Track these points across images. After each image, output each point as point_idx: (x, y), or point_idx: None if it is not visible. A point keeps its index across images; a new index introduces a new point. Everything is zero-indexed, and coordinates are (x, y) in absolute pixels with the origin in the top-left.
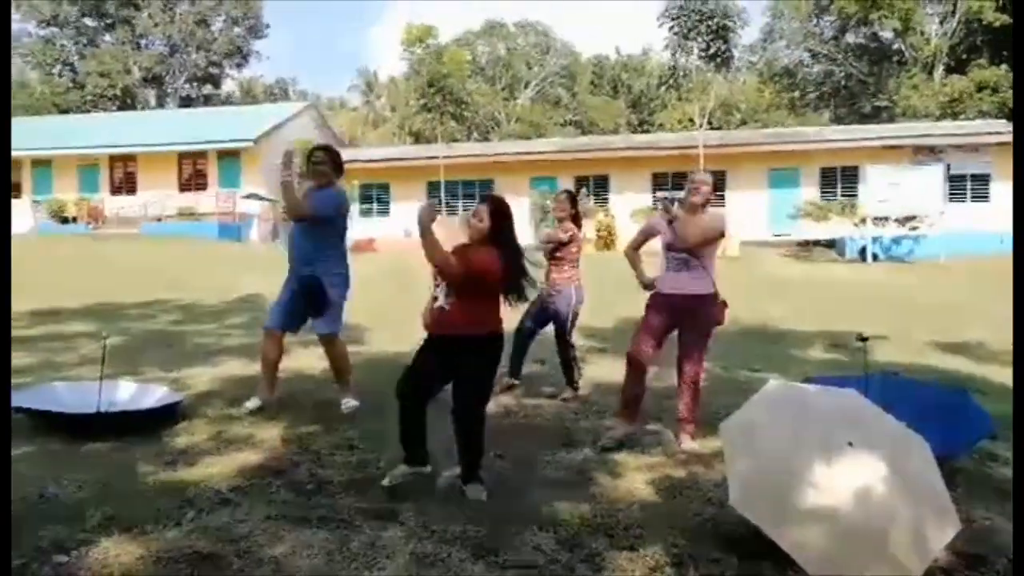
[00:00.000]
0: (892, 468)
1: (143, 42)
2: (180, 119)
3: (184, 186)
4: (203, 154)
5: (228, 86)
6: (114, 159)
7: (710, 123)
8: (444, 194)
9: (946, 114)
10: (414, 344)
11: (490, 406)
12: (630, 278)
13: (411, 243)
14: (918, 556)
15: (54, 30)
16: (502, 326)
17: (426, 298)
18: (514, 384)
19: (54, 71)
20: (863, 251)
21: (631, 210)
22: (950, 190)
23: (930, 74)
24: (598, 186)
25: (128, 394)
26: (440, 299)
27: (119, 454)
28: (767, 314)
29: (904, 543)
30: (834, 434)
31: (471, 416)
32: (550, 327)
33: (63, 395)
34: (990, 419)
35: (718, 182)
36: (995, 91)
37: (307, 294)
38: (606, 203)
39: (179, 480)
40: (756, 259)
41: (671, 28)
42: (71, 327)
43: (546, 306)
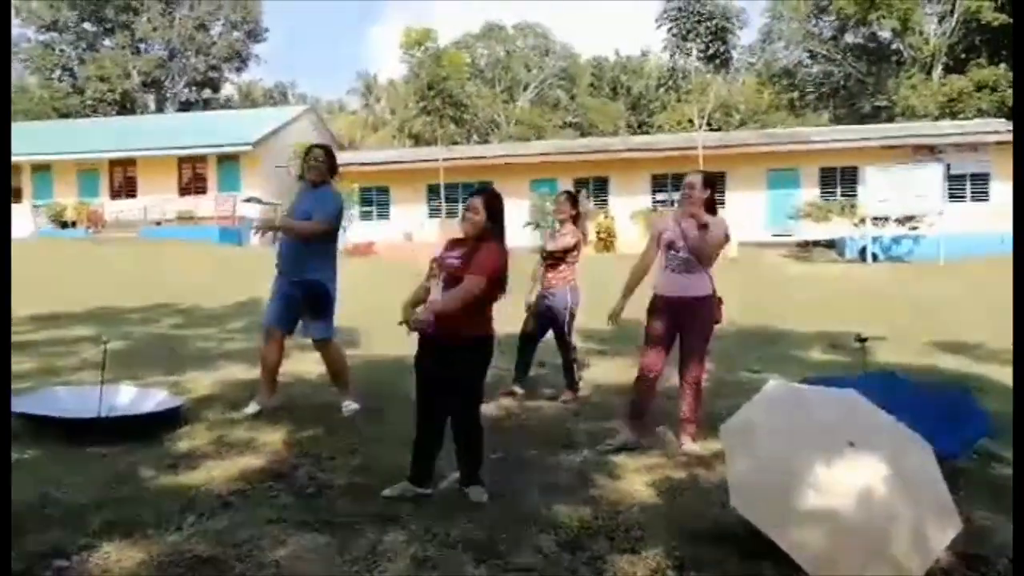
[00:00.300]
0: (892, 468)
1: (142, 47)
2: (179, 123)
3: (184, 190)
4: (202, 158)
5: (227, 90)
6: (114, 163)
7: (709, 124)
8: (444, 197)
9: (945, 114)
10: (414, 345)
11: (490, 408)
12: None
13: (411, 246)
14: (919, 556)
15: (54, 35)
16: (493, 327)
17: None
18: (514, 391)
19: (54, 76)
20: (863, 251)
21: (630, 212)
22: (949, 190)
23: (929, 74)
24: (597, 188)
25: (129, 398)
26: (435, 293)
27: (120, 458)
28: (767, 315)
29: (904, 543)
30: (834, 434)
31: (467, 417)
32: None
33: (64, 399)
34: (990, 418)
35: (718, 183)
36: (994, 90)
37: (311, 299)
38: (605, 205)
39: (180, 484)
40: (756, 260)
41: (670, 29)
42: (71, 331)
43: (542, 309)
